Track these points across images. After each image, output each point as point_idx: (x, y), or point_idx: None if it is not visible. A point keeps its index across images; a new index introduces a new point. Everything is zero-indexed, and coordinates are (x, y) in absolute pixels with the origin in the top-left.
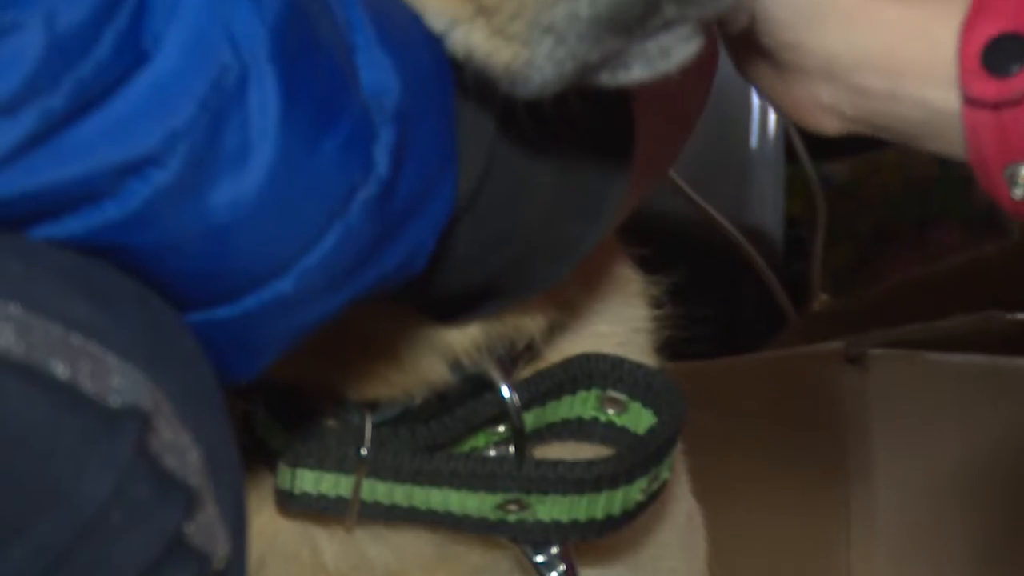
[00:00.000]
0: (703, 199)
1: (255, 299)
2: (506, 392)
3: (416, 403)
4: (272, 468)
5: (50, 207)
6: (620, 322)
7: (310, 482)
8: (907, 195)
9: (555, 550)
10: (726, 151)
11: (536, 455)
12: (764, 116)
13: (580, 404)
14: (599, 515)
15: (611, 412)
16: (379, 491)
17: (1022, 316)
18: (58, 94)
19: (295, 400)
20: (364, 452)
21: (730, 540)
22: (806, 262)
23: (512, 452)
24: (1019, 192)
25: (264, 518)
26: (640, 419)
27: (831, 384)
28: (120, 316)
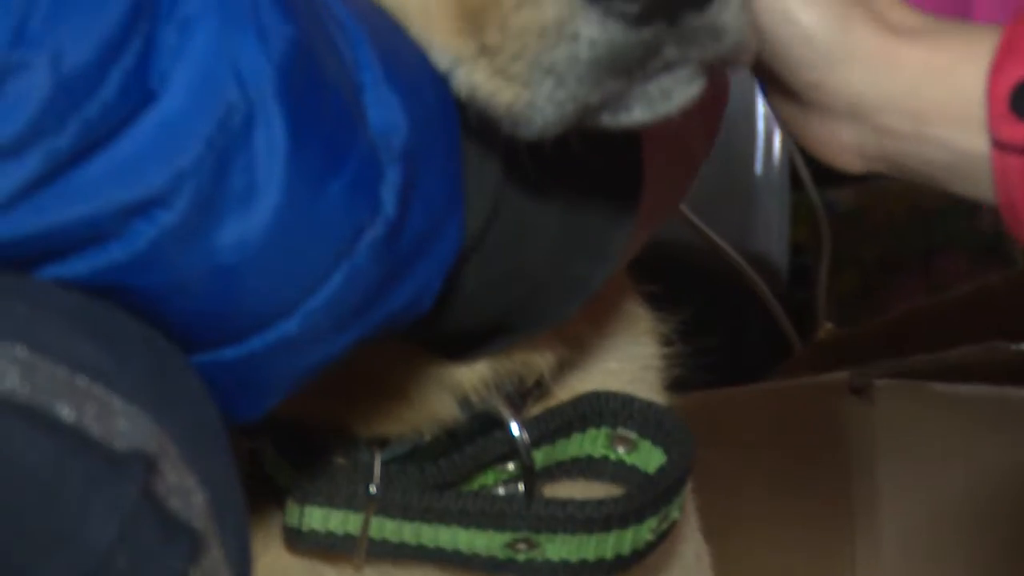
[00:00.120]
0: (708, 226)
1: (261, 340)
2: (516, 429)
3: (425, 440)
4: (280, 505)
5: (55, 248)
6: (630, 359)
7: (318, 519)
8: (913, 224)
9: None
10: (731, 178)
11: (546, 493)
12: (769, 143)
13: (590, 442)
14: (608, 555)
15: (621, 450)
16: (388, 529)
17: None
18: (64, 135)
19: (303, 437)
20: (373, 490)
21: (734, 572)
22: (811, 290)
23: (521, 490)
24: None
25: (272, 555)
26: (650, 458)
27: (836, 415)
28: (126, 357)
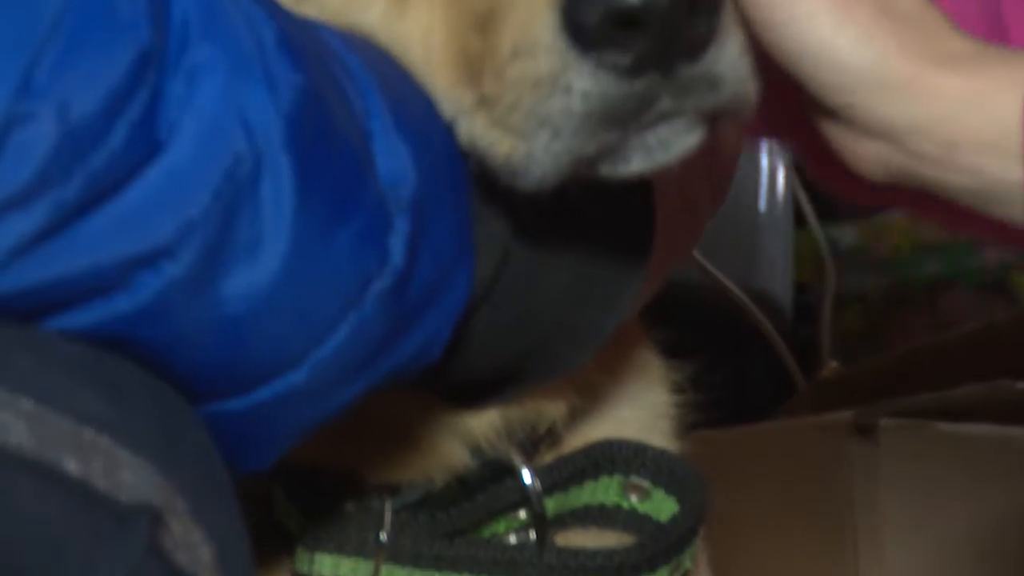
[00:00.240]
0: (711, 263)
1: (268, 391)
2: (528, 477)
3: (436, 487)
4: (290, 551)
5: (61, 299)
6: (642, 407)
7: (329, 566)
8: (917, 260)
9: None
10: (735, 215)
11: (558, 542)
12: (773, 180)
13: (603, 490)
14: None
15: (634, 499)
16: None
17: None
18: (70, 186)
19: (314, 483)
20: (383, 537)
21: None
22: (815, 328)
23: (533, 538)
24: None
25: None
26: (663, 507)
27: (840, 455)
28: (132, 409)
